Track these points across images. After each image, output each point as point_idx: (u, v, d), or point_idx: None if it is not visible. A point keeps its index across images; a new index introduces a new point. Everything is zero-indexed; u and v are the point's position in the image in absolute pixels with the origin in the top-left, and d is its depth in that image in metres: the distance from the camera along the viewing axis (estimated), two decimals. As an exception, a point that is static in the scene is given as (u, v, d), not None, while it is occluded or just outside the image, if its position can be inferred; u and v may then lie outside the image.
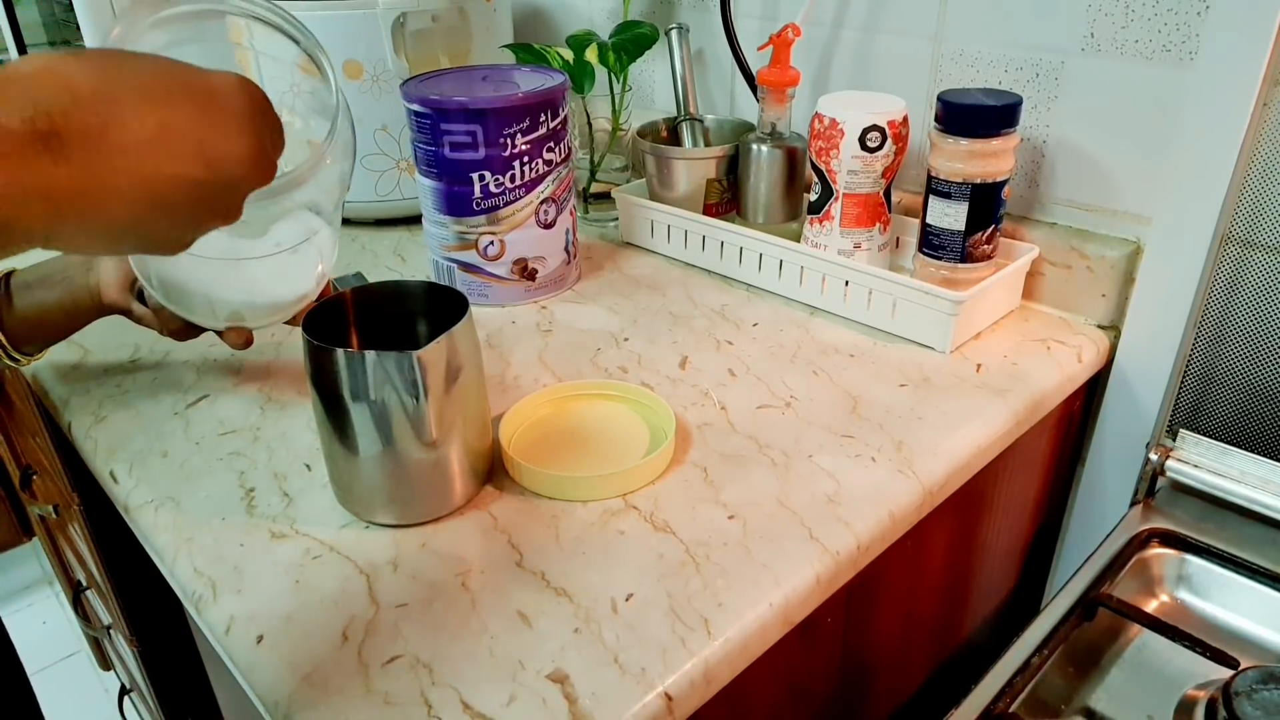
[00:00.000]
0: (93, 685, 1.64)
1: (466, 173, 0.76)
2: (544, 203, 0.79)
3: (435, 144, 0.76)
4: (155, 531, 0.56)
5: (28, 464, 1.15)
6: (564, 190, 0.81)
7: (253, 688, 0.46)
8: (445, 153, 0.76)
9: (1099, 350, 0.73)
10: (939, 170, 0.72)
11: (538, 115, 0.75)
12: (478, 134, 0.74)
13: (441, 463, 0.53)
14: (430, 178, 0.78)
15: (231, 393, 0.69)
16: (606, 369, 0.71)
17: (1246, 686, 0.54)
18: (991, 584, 0.80)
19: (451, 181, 0.77)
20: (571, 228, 0.84)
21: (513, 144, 0.75)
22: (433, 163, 0.77)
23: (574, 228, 0.84)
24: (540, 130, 0.76)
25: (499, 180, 0.76)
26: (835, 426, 0.63)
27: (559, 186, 0.80)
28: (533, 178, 0.77)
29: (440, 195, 0.78)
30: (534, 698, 0.43)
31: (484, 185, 0.76)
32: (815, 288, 0.79)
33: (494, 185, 0.76)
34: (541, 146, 0.77)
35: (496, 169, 0.76)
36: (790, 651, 0.54)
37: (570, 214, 0.83)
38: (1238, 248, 0.67)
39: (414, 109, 0.76)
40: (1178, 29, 0.66)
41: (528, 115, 0.75)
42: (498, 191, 0.77)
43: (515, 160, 0.76)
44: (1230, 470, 0.70)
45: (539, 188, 0.78)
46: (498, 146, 0.75)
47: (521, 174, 0.77)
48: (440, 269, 0.83)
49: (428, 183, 0.79)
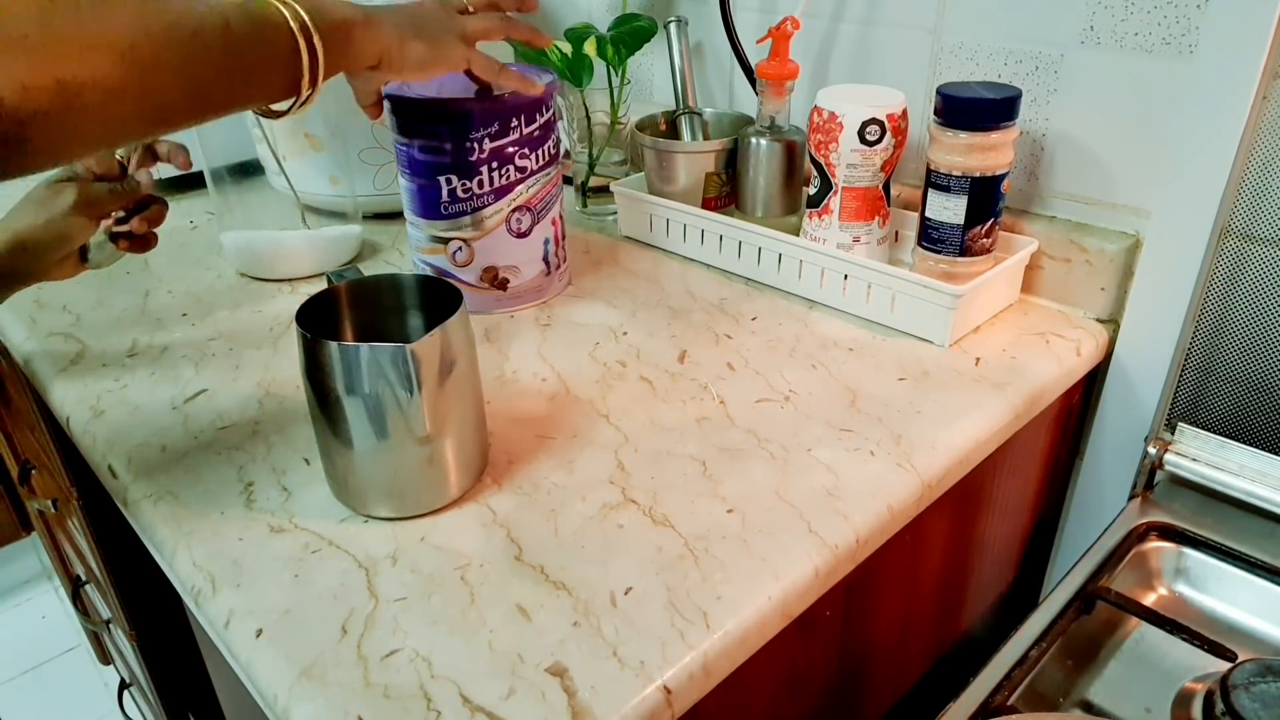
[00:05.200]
0: (92, 680, 1.64)
1: (435, 175, 0.73)
2: (517, 210, 0.75)
3: (408, 142, 0.73)
4: (154, 526, 0.56)
5: (26, 459, 1.15)
6: (542, 198, 0.77)
7: (252, 681, 0.46)
8: (415, 152, 0.73)
9: (1098, 344, 0.73)
10: (938, 164, 0.72)
11: (509, 119, 0.72)
12: (445, 135, 0.71)
13: (436, 456, 0.53)
14: (405, 176, 0.76)
15: (230, 387, 0.69)
16: (605, 362, 0.71)
17: (1244, 679, 0.54)
18: (990, 577, 0.80)
19: (422, 182, 0.74)
20: (554, 238, 0.80)
21: (480, 148, 0.71)
22: (406, 161, 0.75)
23: (557, 238, 0.80)
24: (512, 135, 0.72)
25: (465, 185, 0.73)
26: (834, 420, 0.63)
27: (536, 194, 0.76)
28: (503, 184, 0.74)
29: (414, 195, 0.76)
30: (533, 691, 0.43)
31: (450, 189, 0.73)
32: (814, 281, 0.79)
33: (461, 190, 0.73)
34: (514, 152, 0.73)
35: (463, 173, 0.72)
36: (789, 645, 0.54)
37: (553, 223, 0.79)
38: (1237, 241, 0.67)
39: (390, 105, 0.73)
40: (1177, 22, 0.66)
41: (498, 119, 0.71)
42: (464, 196, 0.73)
43: (483, 165, 0.72)
44: (1229, 464, 0.70)
45: (510, 195, 0.74)
46: (464, 150, 0.71)
47: (490, 180, 0.73)
48: (419, 269, 0.80)
49: (404, 181, 0.76)
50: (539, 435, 0.62)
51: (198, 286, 0.86)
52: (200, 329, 0.78)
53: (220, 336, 0.77)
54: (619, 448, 0.60)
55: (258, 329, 0.78)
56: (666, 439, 0.61)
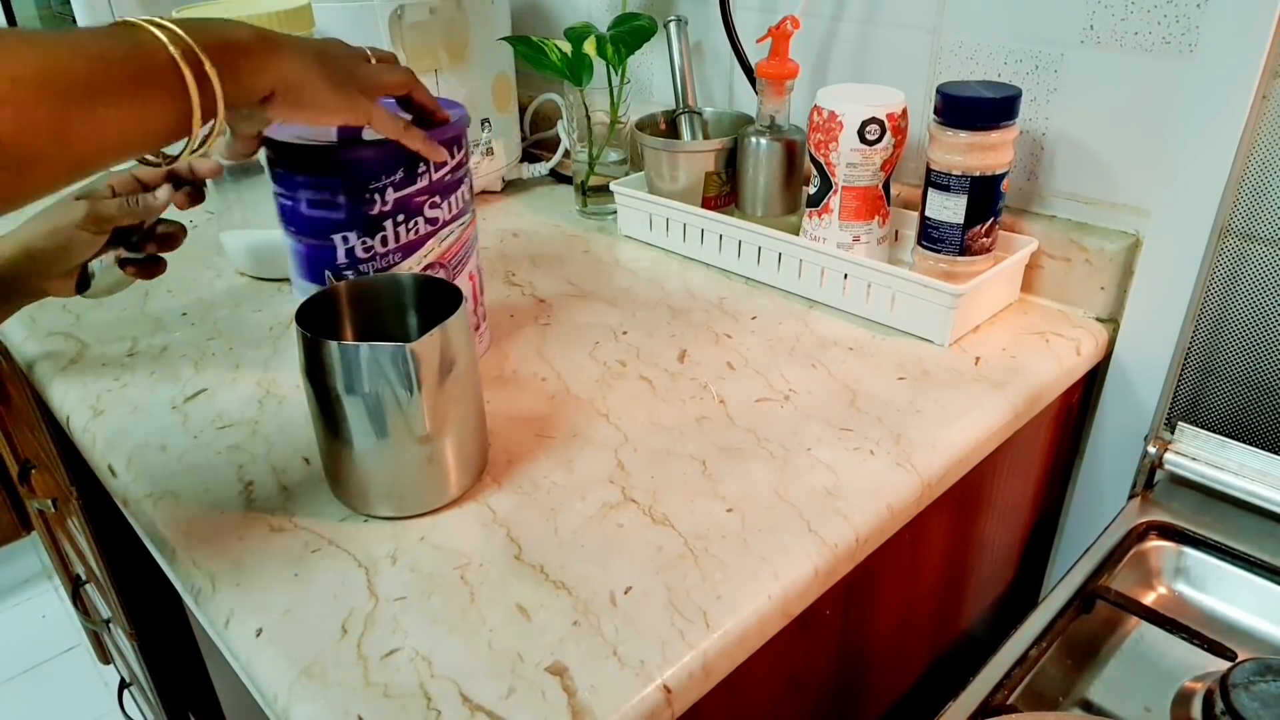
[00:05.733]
0: (92, 679, 1.64)
1: (327, 233, 0.62)
2: (429, 269, 0.65)
3: (290, 195, 0.62)
4: (154, 525, 0.56)
5: (26, 458, 1.15)
6: (457, 252, 0.67)
7: (252, 680, 0.46)
8: (301, 207, 0.62)
9: (1098, 343, 0.73)
10: (938, 163, 0.72)
11: (416, 165, 0.61)
12: (338, 187, 0.60)
13: (436, 456, 0.53)
14: (289, 235, 0.64)
15: (230, 386, 0.69)
16: (605, 362, 0.71)
17: (1244, 678, 0.54)
18: (989, 576, 0.80)
19: (313, 242, 0.63)
20: (471, 295, 0.70)
21: (382, 199, 0.61)
22: (289, 218, 0.63)
23: (475, 295, 0.71)
24: (420, 182, 0.62)
25: (366, 243, 0.62)
26: (834, 419, 0.63)
27: (450, 248, 0.66)
28: (411, 240, 0.63)
29: (301, 258, 0.64)
30: (533, 690, 0.43)
31: (349, 249, 0.62)
32: (814, 281, 0.79)
33: (361, 249, 0.62)
34: (423, 202, 0.63)
35: (363, 229, 0.61)
36: (789, 644, 0.54)
37: (470, 278, 0.69)
38: (1237, 240, 0.67)
39: (269, 150, 0.62)
40: (1177, 21, 0.66)
41: (401, 165, 0.60)
42: (365, 257, 0.62)
43: (386, 220, 0.62)
44: (1228, 463, 0.70)
45: (420, 251, 0.64)
46: (363, 203, 0.60)
47: (395, 236, 0.62)
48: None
49: (289, 241, 0.64)
50: (539, 434, 0.62)
51: (198, 286, 0.86)
52: (200, 328, 0.78)
53: (220, 336, 0.77)
54: (619, 447, 0.60)
55: (258, 329, 0.78)
56: (666, 438, 0.61)
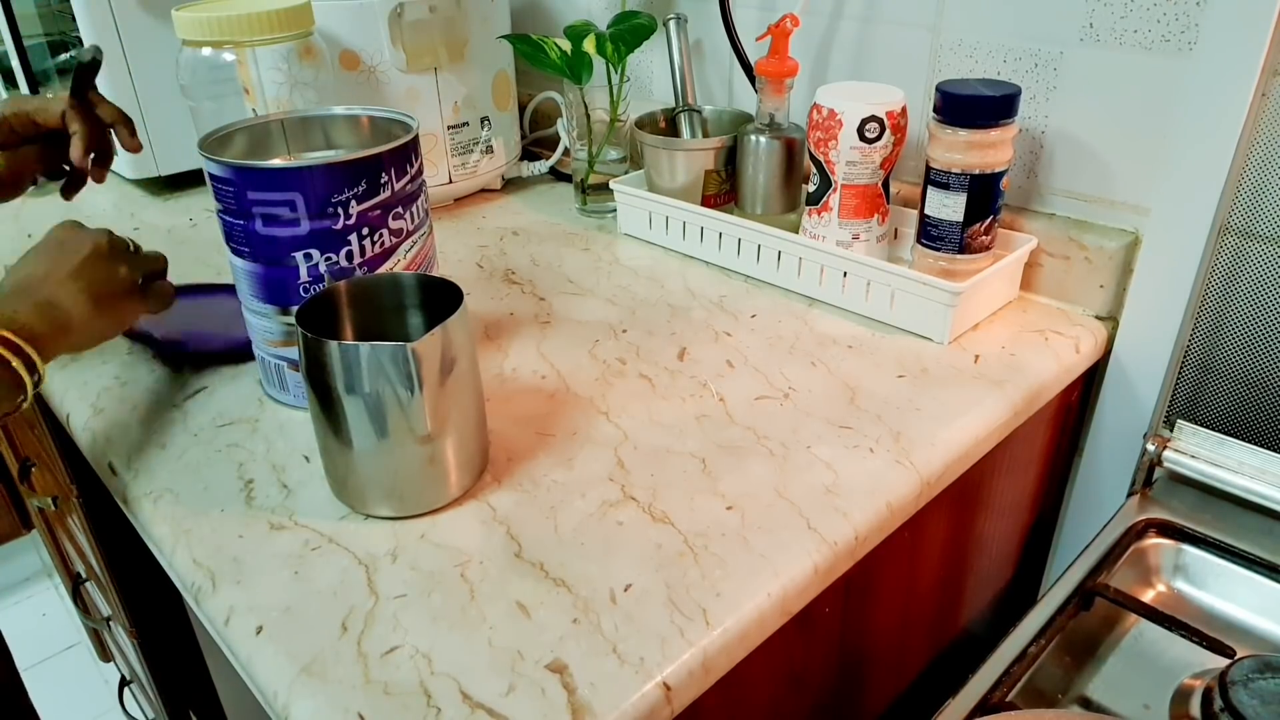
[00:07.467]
0: (93, 677, 1.64)
1: (287, 252, 0.59)
2: None
3: (242, 215, 0.59)
4: (154, 523, 0.56)
5: (26, 456, 1.15)
6: (420, 263, 0.65)
7: (252, 678, 0.47)
8: (256, 227, 0.59)
9: (1097, 341, 0.73)
10: (937, 161, 0.72)
11: (378, 175, 0.59)
12: (297, 203, 0.58)
13: (437, 455, 0.53)
14: (241, 257, 0.61)
15: (230, 384, 0.69)
16: (605, 360, 0.71)
17: (1243, 675, 0.54)
18: (989, 574, 0.80)
19: (269, 263, 0.60)
20: None
21: (345, 212, 0.59)
22: (242, 239, 0.60)
23: None
24: (384, 193, 0.60)
25: (331, 259, 0.60)
26: (833, 417, 0.63)
27: (415, 259, 0.64)
28: (377, 252, 0.61)
29: (256, 280, 0.62)
30: (533, 687, 0.43)
31: (312, 267, 0.60)
32: (813, 279, 0.79)
33: (324, 265, 0.60)
34: (387, 213, 0.61)
35: (327, 246, 0.60)
36: (788, 641, 0.54)
37: None
38: (1236, 238, 0.67)
39: (211, 170, 0.58)
40: (1176, 19, 0.66)
41: (363, 176, 0.58)
42: (332, 274, 0.61)
43: (351, 234, 0.60)
44: (1227, 461, 0.70)
45: (388, 264, 0.62)
46: (326, 217, 0.58)
47: (361, 250, 0.61)
48: (267, 366, 0.66)
49: (239, 263, 0.62)
50: (539, 433, 0.62)
51: (197, 284, 0.86)
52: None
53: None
54: (619, 445, 0.61)
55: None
56: (666, 436, 0.61)
